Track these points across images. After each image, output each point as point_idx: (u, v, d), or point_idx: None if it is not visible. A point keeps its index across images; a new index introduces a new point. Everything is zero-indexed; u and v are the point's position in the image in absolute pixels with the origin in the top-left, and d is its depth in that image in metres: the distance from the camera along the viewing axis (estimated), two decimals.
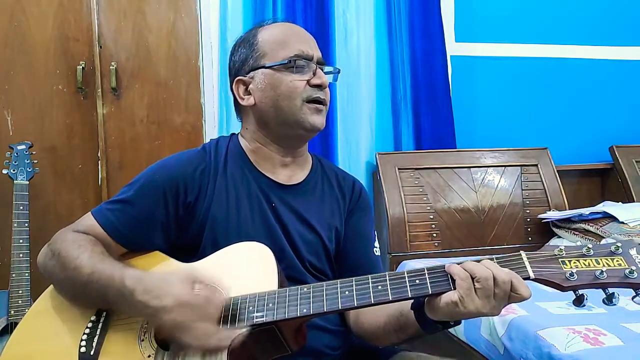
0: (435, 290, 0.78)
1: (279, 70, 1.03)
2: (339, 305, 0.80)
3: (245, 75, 1.07)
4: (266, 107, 1.05)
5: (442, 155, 2.36)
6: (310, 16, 2.33)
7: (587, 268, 0.74)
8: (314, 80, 1.03)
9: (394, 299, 0.79)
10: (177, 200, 1.00)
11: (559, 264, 0.76)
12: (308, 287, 0.83)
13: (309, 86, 1.03)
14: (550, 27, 2.66)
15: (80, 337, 0.89)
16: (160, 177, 1.01)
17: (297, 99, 1.02)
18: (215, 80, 2.30)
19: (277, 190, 1.06)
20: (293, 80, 1.02)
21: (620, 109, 2.74)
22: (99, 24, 2.18)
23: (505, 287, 0.75)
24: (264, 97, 1.05)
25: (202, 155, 1.06)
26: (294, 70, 1.03)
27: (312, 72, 1.04)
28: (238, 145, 1.10)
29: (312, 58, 1.05)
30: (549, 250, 0.78)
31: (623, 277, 0.73)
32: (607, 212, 2.05)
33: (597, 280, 0.73)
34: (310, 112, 1.03)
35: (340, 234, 1.10)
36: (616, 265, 0.74)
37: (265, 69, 1.04)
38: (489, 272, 0.75)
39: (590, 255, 0.76)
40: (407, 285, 0.79)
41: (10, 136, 2.10)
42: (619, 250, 0.75)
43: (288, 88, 1.02)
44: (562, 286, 0.74)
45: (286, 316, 0.81)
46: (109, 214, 0.99)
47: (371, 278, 0.81)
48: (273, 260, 0.90)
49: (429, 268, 0.80)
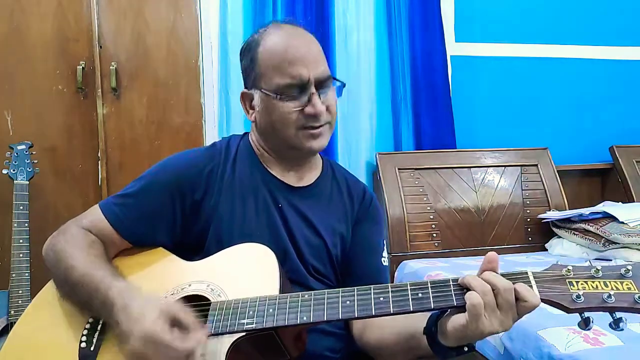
0: (437, 305, 0.76)
1: (272, 98, 0.99)
2: (339, 314, 0.79)
3: (249, 89, 1.06)
4: (264, 128, 1.05)
5: (442, 155, 2.36)
6: (310, 16, 2.33)
7: (594, 290, 0.71)
8: (307, 109, 0.98)
9: (395, 312, 0.77)
10: (183, 198, 1.00)
11: (566, 285, 0.73)
12: (309, 295, 0.82)
13: (302, 115, 0.99)
14: (550, 27, 2.66)
15: (81, 332, 0.89)
16: (168, 174, 1.01)
17: (290, 127, 1.00)
18: (215, 80, 2.30)
19: (285, 192, 1.06)
20: (285, 110, 0.99)
21: (620, 109, 2.74)
22: (98, 24, 2.18)
23: (507, 295, 0.72)
24: (261, 119, 1.04)
25: (212, 154, 1.06)
26: (286, 99, 0.99)
27: (307, 98, 0.99)
28: (249, 145, 1.10)
29: (308, 81, 0.98)
30: (557, 270, 0.75)
31: (633, 302, 0.69)
32: (607, 212, 2.05)
33: (605, 304, 0.70)
34: (307, 138, 1.01)
35: (345, 240, 1.09)
36: (625, 289, 0.71)
37: (262, 92, 1.01)
38: (487, 286, 0.73)
39: (599, 277, 0.73)
40: (410, 298, 0.77)
41: (10, 136, 2.10)
42: (629, 274, 0.72)
43: (281, 117, 0.99)
44: (568, 308, 0.72)
45: (286, 323, 0.80)
46: (116, 208, 0.99)
47: (373, 289, 0.80)
48: (276, 262, 0.90)
49: (432, 282, 0.78)
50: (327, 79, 1.02)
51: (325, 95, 1.01)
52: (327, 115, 1.02)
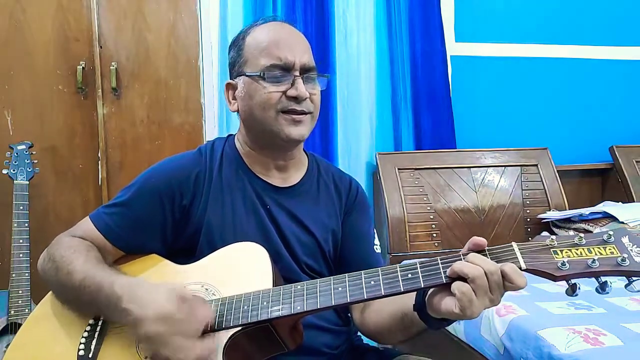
0: (427, 283, 0.77)
1: (256, 80, 1.00)
2: (332, 301, 0.80)
3: (233, 79, 1.07)
4: (246, 116, 1.04)
5: (442, 155, 2.37)
6: (310, 16, 2.33)
7: (579, 257, 0.74)
8: (290, 91, 0.98)
9: (387, 294, 0.78)
10: (173, 203, 1.00)
11: (551, 254, 0.75)
12: (301, 285, 0.83)
13: (285, 97, 0.99)
14: (550, 27, 2.66)
15: (79, 340, 0.89)
16: (156, 180, 1.01)
17: (271, 109, 0.99)
18: (215, 80, 2.30)
19: (271, 193, 1.06)
20: (267, 91, 0.99)
21: (620, 109, 2.74)
22: (99, 24, 2.18)
23: (495, 278, 0.74)
24: (243, 105, 1.04)
25: (198, 158, 1.06)
26: (269, 79, 0.99)
27: (290, 82, 0.99)
28: (233, 147, 1.10)
29: (293, 66, 0.99)
30: (541, 241, 0.78)
31: (615, 265, 0.72)
32: (607, 212, 2.06)
33: (589, 269, 0.73)
34: (287, 123, 1.00)
35: (337, 235, 1.10)
36: (608, 253, 0.73)
37: (246, 77, 1.02)
38: (480, 269, 0.74)
39: (582, 245, 0.75)
40: (400, 279, 0.78)
41: (10, 136, 2.10)
42: (611, 239, 0.74)
43: (262, 99, 0.99)
44: (554, 275, 0.74)
45: (280, 314, 0.81)
46: (106, 218, 1.00)
47: (364, 273, 0.81)
48: (268, 259, 0.91)
49: (421, 262, 0.80)
50: (312, 69, 1.03)
51: (310, 85, 1.02)
52: (309, 105, 1.01)
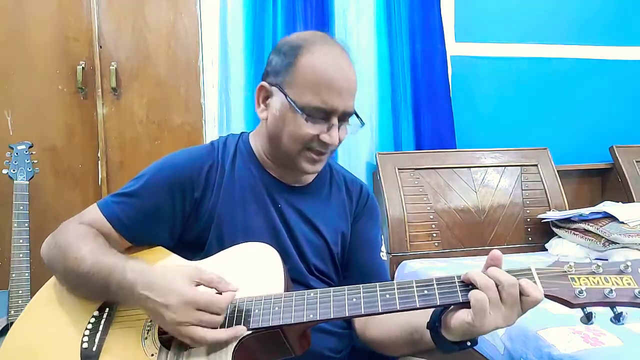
0: (443, 301, 0.77)
1: (295, 110, 0.96)
2: (346, 312, 0.79)
3: (271, 85, 1.01)
4: (272, 134, 1.02)
5: (442, 155, 2.36)
6: (310, 16, 2.33)
7: (596, 286, 0.74)
8: (323, 136, 0.97)
9: (402, 309, 0.78)
10: (183, 196, 1.00)
11: (569, 281, 0.75)
12: (315, 293, 0.83)
13: (316, 138, 0.97)
14: (550, 27, 2.66)
15: (83, 333, 0.89)
16: (168, 172, 1.01)
17: (298, 144, 0.98)
18: (215, 80, 2.30)
19: (283, 192, 1.06)
20: (303, 129, 0.97)
21: (620, 109, 2.74)
22: (98, 24, 2.18)
23: (511, 290, 0.73)
24: (274, 122, 1.01)
25: (210, 152, 1.05)
26: (309, 120, 0.96)
27: (327, 126, 0.97)
28: (248, 145, 1.09)
29: (335, 112, 0.97)
30: (559, 266, 0.77)
31: (633, 297, 0.72)
32: (607, 212, 2.05)
33: (607, 298, 0.72)
34: (307, 160, 1.00)
35: (346, 237, 1.09)
36: (625, 284, 0.73)
37: (287, 100, 0.97)
38: (491, 281, 0.74)
39: (600, 273, 0.75)
40: (415, 295, 0.78)
41: (10, 136, 2.10)
42: (628, 269, 0.74)
43: (294, 132, 0.97)
44: (571, 303, 0.74)
45: (292, 321, 0.80)
46: (114, 207, 0.99)
47: (379, 286, 0.80)
48: (280, 262, 0.90)
49: (437, 279, 0.79)
50: (350, 115, 1.01)
51: (343, 129, 1.01)
52: (333, 147, 1.01)
